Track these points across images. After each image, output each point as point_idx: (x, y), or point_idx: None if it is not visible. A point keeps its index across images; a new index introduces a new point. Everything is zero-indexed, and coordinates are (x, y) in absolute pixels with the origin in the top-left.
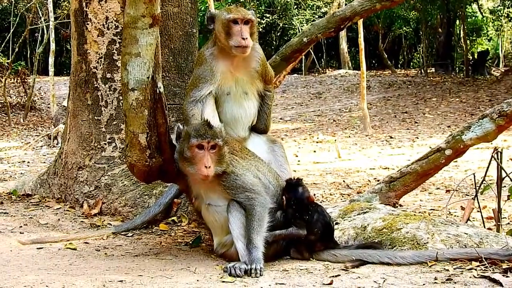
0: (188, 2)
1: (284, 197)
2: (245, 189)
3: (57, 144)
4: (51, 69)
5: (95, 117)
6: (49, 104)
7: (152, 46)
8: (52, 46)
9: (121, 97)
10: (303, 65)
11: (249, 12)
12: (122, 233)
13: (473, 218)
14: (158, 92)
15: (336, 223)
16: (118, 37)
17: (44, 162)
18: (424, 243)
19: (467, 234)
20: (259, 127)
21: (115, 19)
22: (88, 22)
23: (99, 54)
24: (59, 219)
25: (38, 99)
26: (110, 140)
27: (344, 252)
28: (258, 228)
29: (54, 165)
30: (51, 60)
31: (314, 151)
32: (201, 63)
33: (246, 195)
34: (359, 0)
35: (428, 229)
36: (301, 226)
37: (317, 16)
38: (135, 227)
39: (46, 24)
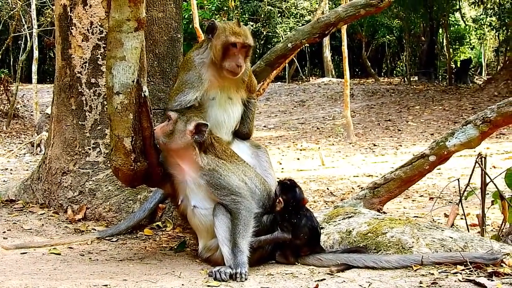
0: (173, 7)
1: (281, 198)
2: (230, 191)
3: (40, 151)
4: (34, 77)
5: (80, 122)
6: (32, 111)
7: (137, 50)
8: (36, 53)
9: (105, 102)
10: (286, 73)
11: (250, 36)
12: (106, 238)
13: (457, 225)
14: (143, 96)
15: (321, 228)
16: (103, 42)
17: (27, 170)
18: (409, 247)
19: (452, 238)
20: (242, 131)
21: (99, 24)
22: (72, 27)
23: (83, 59)
24: (43, 225)
25: (21, 106)
26: (94, 145)
27: (330, 257)
28: (244, 232)
29: (38, 170)
30: (34, 67)
31: (298, 159)
32: (189, 69)
33: (232, 198)
34: (343, 6)
35: (413, 233)
36: (286, 229)
37: (300, 24)
38: (119, 232)
39: (30, 31)
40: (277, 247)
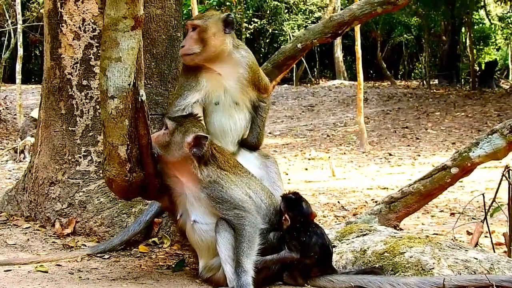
0: (172, 4)
1: (287, 215)
2: (233, 205)
3: (24, 158)
4: (18, 77)
5: (69, 128)
6: (15, 114)
7: (134, 50)
8: (20, 51)
9: (98, 106)
10: (294, 74)
11: (202, 18)
12: (97, 255)
13: (481, 243)
14: (140, 100)
15: (333, 246)
16: (96, 40)
17: (10, 178)
18: (430, 269)
19: (476, 259)
20: (249, 142)
21: (92, 21)
22: (63, 24)
23: (74, 59)
24: (28, 239)
25: (3, 109)
26: (85, 153)
27: (342, 278)
28: (248, 250)
29: (23, 180)
30: (18, 66)
31: (306, 169)
32: (186, 70)
33: (235, 213)
34: (358, 3)
35: (434, 254)
36: (295, 248)
37: (309, 22)
38: (112, 247)
39: (14, 27)
40: (285, 267)
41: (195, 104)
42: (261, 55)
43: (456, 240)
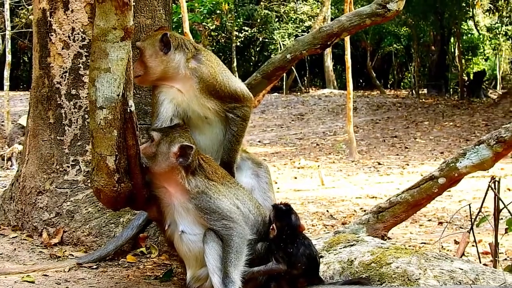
0: (162, 14)
1: (274, 225)
2: (222, 216)
3: (11, 166)
4: (6, 83)
5: (58, 137)
6: (3, 121)
7: (124, 61)
8: (8, 57)
9: (86, 116)
10: (284, 83)
11: (144, 40)
12: (85, 265)
13: (468, 252)
14: (128, 111)
15: (321, 257)
16: (85, 50)
17: None
18: (416, 279)
19: (462, 269)
20: (221, 158)
21: (82, 30)
22: (52, 33)
23: (63, 68)
24: (15, 249)
25: None
26: (73, 163)
27: None
28: (236, 261)
29: (11, 189)
30: (6, 73)
31: (295, 178)
32: (153, 88)
33: (223, 224)
34: (347, 15)
35: (420, 264)
36: (282, 260)
37: (300, 30)
38: (107, 254)
39: (2, 33)
40: (272, 277)
41: (172, 118)
42: (251, 64)
43: (444, 249)
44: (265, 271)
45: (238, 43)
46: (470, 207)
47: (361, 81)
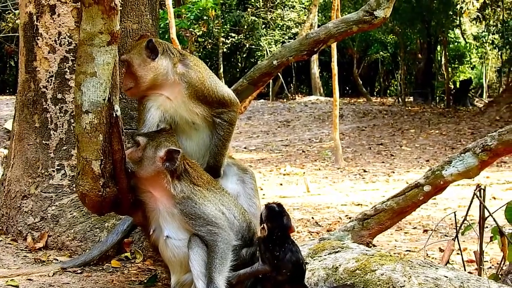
0: (148, 19)
1: (265, 225)
2: (206, 221)
3: None
4: None
5: (43, 141)
6: None
7: (110, 66)
8: None
9: (72, 120)
10: (270, 90)
11: (129, 51)
12: (69, 270)
13: (453, 260)
14: (114, 115)
15: (306, 263)
16: (71, 54)
17: None
18: (401, 287)
19: (447, 277)
20: (208, 163)
21: (68, 34)
22: (38, 37)
23: (49, 73)
24: None
25: None
26: (59, 167)
27: None
28: (220, 266)
29: None
30: None
31: (281, 184)
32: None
33: (208, 229)
34: (334, 22)
35: (404, 271)
36: (268, 261)
37: (287, 37)
38: (92, 259)
39: None
40: (257, 282)
41: (159, 123)
42: (237, 70)
43: (429, 256)
44: (251, 273)
45: (225, 49)
46: (455, 215)
47: (347, 88)
